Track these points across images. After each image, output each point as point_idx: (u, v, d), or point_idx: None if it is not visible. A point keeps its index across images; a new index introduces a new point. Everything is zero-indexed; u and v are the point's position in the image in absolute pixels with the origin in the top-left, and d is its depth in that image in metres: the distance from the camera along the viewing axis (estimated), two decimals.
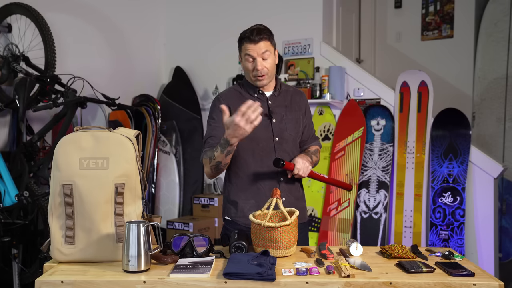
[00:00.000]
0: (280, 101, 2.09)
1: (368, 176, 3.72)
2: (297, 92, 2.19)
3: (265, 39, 1.97)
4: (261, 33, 1.96)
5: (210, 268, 1.49)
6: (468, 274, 1.46)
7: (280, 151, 2.03)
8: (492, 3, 4.73)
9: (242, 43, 2.00)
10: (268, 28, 2.02)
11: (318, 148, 2.23)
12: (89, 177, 1.53)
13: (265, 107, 2.04)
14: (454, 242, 3.37)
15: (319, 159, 2.25)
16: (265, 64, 1.99)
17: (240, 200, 2.05)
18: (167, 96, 4.60)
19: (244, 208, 2.03)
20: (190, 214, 4.31)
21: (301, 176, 1.98)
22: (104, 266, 1.52)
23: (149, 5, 4.67)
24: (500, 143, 4.53)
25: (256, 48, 1.95)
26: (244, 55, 1.99)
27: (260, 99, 2.06)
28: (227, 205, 2.10)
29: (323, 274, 1.48)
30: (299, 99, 2.16)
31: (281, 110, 2.08)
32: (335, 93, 3.89)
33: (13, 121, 3.29)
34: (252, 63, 1.98)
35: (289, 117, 2.08)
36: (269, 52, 1.98)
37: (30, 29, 3.26)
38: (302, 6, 4.13)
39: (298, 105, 2.14)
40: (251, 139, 1.97)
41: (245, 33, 1.98)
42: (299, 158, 2.00)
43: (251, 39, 1.95)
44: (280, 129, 2.05)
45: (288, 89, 2.16)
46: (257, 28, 1.98)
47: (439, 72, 5.00)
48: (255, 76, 2.00)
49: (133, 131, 1.67)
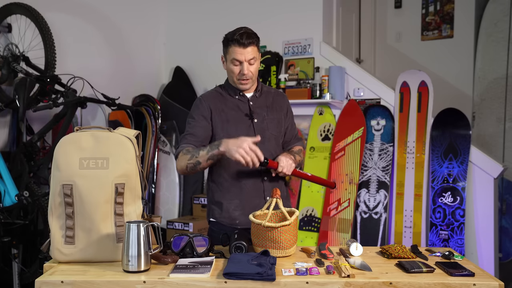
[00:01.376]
0: (261, 102, 2.11)
1: (368, 176, 3.72)
2: (279, 94, 2.21)
3: (253, 44, 1.97)
4: (250, 38, 1.96)
5: (210, 268, 1.49)
6: (468, 274, 1.46)
7: (262, 150, 1.99)
8: (492, 3, 4.73)
9: (229, 45, 1.98)
10: (255, 33, 2.02)
11: (302, 148, 2.24)
12: (89, 177, 1.53)
13: (246, 108, 2.07)
14: (454, 242, 3.37)
15: (303, 159, 2.26)
16: (251, 68, 2.00)
17: (225, 200, 2.04)
18: (167, 96, 4.59)
19: (229, 209, 2.03)
20: (190, 214, 4.31)
21: (285, 174, 1.98)
22: (104, 266, 1.52)
23: (149, 5, 4.66)
24: (500, 143, 4.53)
25: (244, 53, 1.95)
26: (231, 59, 1.98)
27: (241, 100, 2.08)
28: (211, 206, 2.10)
29: (323, 274, 1.48)
30: (280, 100, 2.18)
31: (262, 111, 2.10)
32: (335, 93, 3.89)
33: (13, 121, 3.29)
34: (238, 67, 1.99)
35: (270, 117, 2.10)
36: (256, 58, 2.00)
37: (30, 29, 3.26)
38: (302, 6, 4.13)
39: (280, 106, 2.15)
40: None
41: (234, 36, 1.96)
42: (283, 156, 2.00)
43: (240, 42, 1.94)
44: (261, 128, 2.06)
45: (270, 91, 2.18)
46: (246, 32, 1.97)
47: (439, 72, 4.99)
48: (239, 79, 2.01)
49: (133, 131, 1.67)
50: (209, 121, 2.04)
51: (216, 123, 2.04)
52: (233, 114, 2.05)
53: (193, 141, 2.01)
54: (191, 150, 1.96)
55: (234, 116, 2.05)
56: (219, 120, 2.04)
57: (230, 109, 2.06)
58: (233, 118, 2.05)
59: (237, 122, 2.05)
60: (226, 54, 2.02)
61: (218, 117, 2.04)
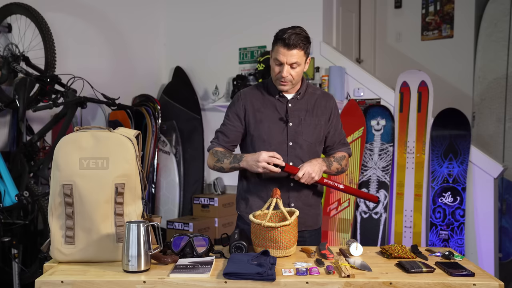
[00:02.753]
0: (302, 104, 2.01)
1: (368, 176, 3.72)
2: (325, 96, 2.08)
3: (299, 48, 1.86)
4: (297, 40, 1.85)
5: (210, 268, 1.49)
6: (468, 274, 1.46)
7: (292, 156, 1.98)
8: (492, 3, 4.73)
9: (276, 43, 1.90)
10: (307, 35, 1.90)
11: (346, 154, 2.10)
12: (89, 177, 1.53)
13: (283, 110, 2.00)
14: (454, 242, 3.37)
15: (346, 167, 2.11)
16: (292, 72, 1.91)
17: (251, 197, 2.05)
18: (167, 96, 4.60)
19: (253, 206, 2.03)
20: (190, 214, 4.31)
21: (305, 182, 1.89)
22: (104, 266, 1.52)
23: (149, 5, 4.66)
24: (500, 143, 4.53)
25: (288, 55, 1.86)
26: (274, 57, 1.91)
27: (280, 101, 2.01)
28: (240, 200, 2.11)
29: (323, 274, 1.48)
30: (324, 103, 2.05)
31: (301, 114, 2.00)
32: (335, 93, 3.89)
33: (13, 121, 3.29)
34: (279, 67, 1.91)
35: (307, 122, 2.00)
36: (299, 62, 1.89)
37: (30, 29, 3.26)
38: (302, 6, 4.13)
39: (322, 110, 2.03)
40: (264, 141, 1.98)
41: (283, 34, 1.86)
42: (308, 164, 1.90)
43: (286, 43, 1.84)
44: (295, 133, 1.99)
45: (315, 92, 2.07)
46: (296, 33, 1.85)
47: (439, 72, 4.99)
48: (277, 80, 1.94)
49: (133, 131, 1.67)
50: (243, 121, 2.02)
51: (249, 123, 2.01)
52: (268, 115, 1.99)
53: (223, 142, 2.04)
54: (219, 153, 2.00)
55: (269, 117, 1.99)
56: (253, 120, 2.00)
57: (266, 109, 2.00)
58: (267, 119, 1.99)
59: (270, 123, 1.99)
60: (272, 50, 1.94)
61: (253, 117, 2.00)
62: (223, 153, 2.00)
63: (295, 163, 1.96)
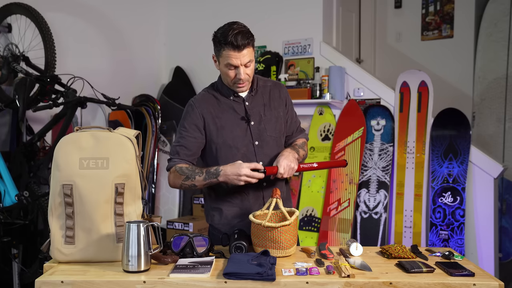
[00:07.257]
0: (258, 100, 1.97)
1: (368, 176, 3.72)
2: (276, 86, 2.04)
3: (248, 45, 1.80)
4: (245, 39, 1.78)
5: (210, 268, 1.49)
6: (468, 274, 1.46)
7: (261, 155, 1.92)
8: (492, 3, 4.73)
9: (222, 48, 1.80)
10: (249, 29, 1.84)
11: (305, 140, 2.11)
12: (89, 177, 1.53)
13: (242, 110, 1.93)
14: (454, 242, 3.37)
15: (307, 152, 2.13)
16: (247, 71, 1.85)
17: (224, 207, 1.95)
18: (167, 96, 4.59)
19: (228, 215, 1.95)
20: (190, 214, 4.31)
21: (288, 176, 1.88)
22: (104, 266, 1.52)
23: (150, 5, 4.66)
24: (500, 143, 4.53)
25: (240, 56, 1.79)
26: (225, 63, 1.82)
27: (236, 101, 1.94)
28: (210, 212, 2.01)
29: (323, 274, 1.48)
30: (278, 94, 2.01)
31: (259, 110, 1.95)
32: (335, 93, 3.89)
33: (13, 121, 3.29)
34: (234, 70, 1.83)
35: (268, 117, 1.95)
36: (252, 59, 1.84)
37: (30, 29, 3.26)
38: (302, 6, 4.13)
39: (278, 102, 2.00)
40: (230, 146, 1.90)
41: (227, 38, 1.76)
42: (283, 158, 1.85)
43: (235, 45, 1.76)
44: (259, 131, 1.93)
45: (266, 84, 2.02)
46: (240, 31, 1.78)
47: (439, 72, 4.99)
48: (235, 83, 1.88)
49: (133, 131, 1.67)
50: (202, 131, 1.92)
51: (210, 131, 1.91)
52: (228, 118, 1.92)
53: (185, 156, 1.90)
54: (185, 171, 1.85)
55: (230, 120, 1.92)
56: (214, 127, 1.91)
57: (224, 113, 1.93)
58: (228, 123, 1.92)
59: (233, 127, 1.91)
60: (219, 56, 1.84)
61: (213, 124, 1.91)
62: (190, 169, 1.86)
63: (264, 161, 1.91)
